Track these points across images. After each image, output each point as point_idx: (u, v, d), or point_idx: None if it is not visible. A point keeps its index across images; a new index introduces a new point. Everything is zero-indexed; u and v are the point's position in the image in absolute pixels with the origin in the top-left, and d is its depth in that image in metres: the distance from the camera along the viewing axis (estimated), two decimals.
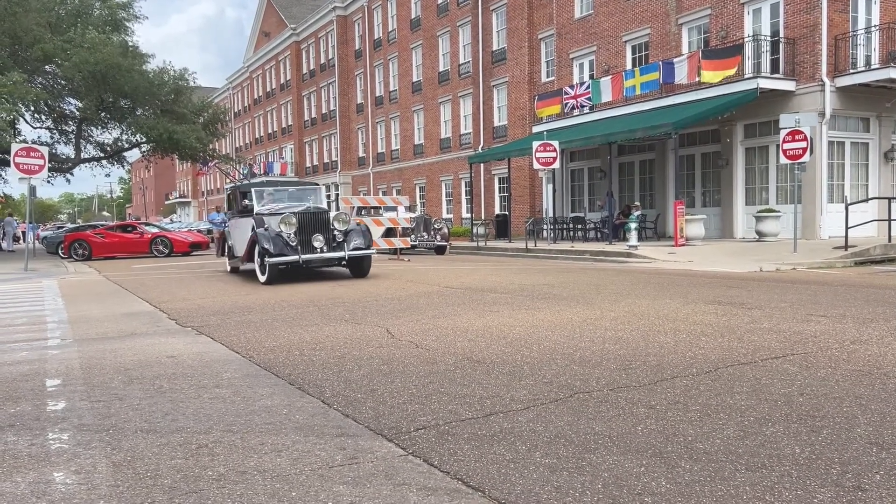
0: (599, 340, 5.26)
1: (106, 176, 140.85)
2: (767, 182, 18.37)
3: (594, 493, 2.42)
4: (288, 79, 51.46)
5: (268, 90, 55.74)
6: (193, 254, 24.06)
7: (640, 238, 16.61)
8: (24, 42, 24.44)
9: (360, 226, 12.36)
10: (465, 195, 32.78)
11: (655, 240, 19.64)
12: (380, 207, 19.87)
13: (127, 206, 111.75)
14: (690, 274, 11.01)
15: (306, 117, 50.04)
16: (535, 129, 23.87)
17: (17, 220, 41.09)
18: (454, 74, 33.68)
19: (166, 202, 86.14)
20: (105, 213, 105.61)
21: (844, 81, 16.81)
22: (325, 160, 47.58)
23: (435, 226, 20.26)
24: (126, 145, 30.86)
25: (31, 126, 28.76)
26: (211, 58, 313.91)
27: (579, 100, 21.32)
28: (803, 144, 13.55)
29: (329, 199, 42.92)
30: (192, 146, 28.31)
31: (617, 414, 3.35)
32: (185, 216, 74.19)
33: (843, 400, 3.50)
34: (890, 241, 14.00)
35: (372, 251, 11.85)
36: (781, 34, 17.65)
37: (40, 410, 3.76)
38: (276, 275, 11.04)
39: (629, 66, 21.68)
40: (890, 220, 14.14)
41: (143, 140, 29.24)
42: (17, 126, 25.84)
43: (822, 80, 16.78)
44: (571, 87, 21.96)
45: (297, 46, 50.00)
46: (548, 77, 27.90)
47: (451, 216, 33.89)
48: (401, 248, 17.10)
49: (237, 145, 62.93)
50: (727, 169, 19.10)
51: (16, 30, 23.87)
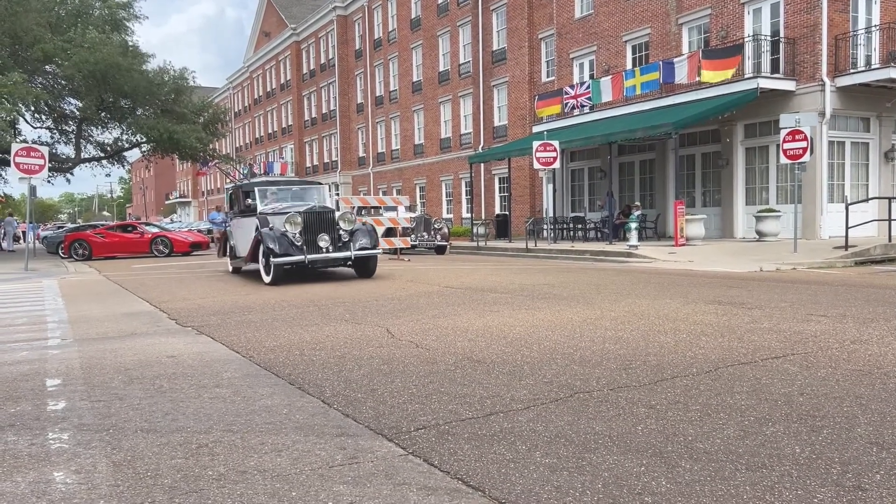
0: (600, 340, 5.26)
1: (106, 176, 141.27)
2: (768, 182, 18.36)
3: (594, 493, 2.42)
4: (288, 79, 51.46)
5: (268, 90, 55.74)
6: (194, 254, 24.06)
7: (640, 238, 16.61)
8: (25, 42, 24.44)
9: (365, 225, 12.18)
10: (466, 195, 32.78)
11: (656, 240, 19.63)
12: (380, 207, 19.88)
13: (127, 205, 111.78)
14: (691, 274, 11.01)
15: (306, 117, 50.04)
16: (536, 128, 23.87)
17: (17, 219, 41.09)
18: (454, 74, 33.68)
19: (166, 202, 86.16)
20: (105, 212, 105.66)
21: (845, 81, 16.81)
22: (326, 160, 47.58)
23: (435, 226, 20.27)
24: (126, 145, 30.87)
25: (32, 126, 28.81)
26: (211, 58, 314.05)
27: (579, 100, 21.32)
28: (803, 144, 13.55)
29: (330, 198, 42.81)
30: (193, 146, 28.31)
31: (617, 414, 3.35)
32: (185, 216, 74.18)
33: (843, 400, 3.50)
34: (890, 240, 13.99)
35: (378, 251, 11.68)
36: (782, 34, 17.65)
37: (40, 410, 3.76)
38: (282, 275, 10.88)
39: (629, 65, 21.68)
40: (890, 220, 14.14)
41: (144, 140, 29.24)
42: (17, 126, 25.86)
43: (822, 80, 16.78)
44: (571, 86, 21.96)
45: (297, 46, 50.00)
46: (548, 77, 27.90)
47: (451, 216, 33.89)
48: (401, 248, 17.10)
49: (237, 145, 62.93)
50: (727, 169, 19.09)
51: (16, 30, 23.87)
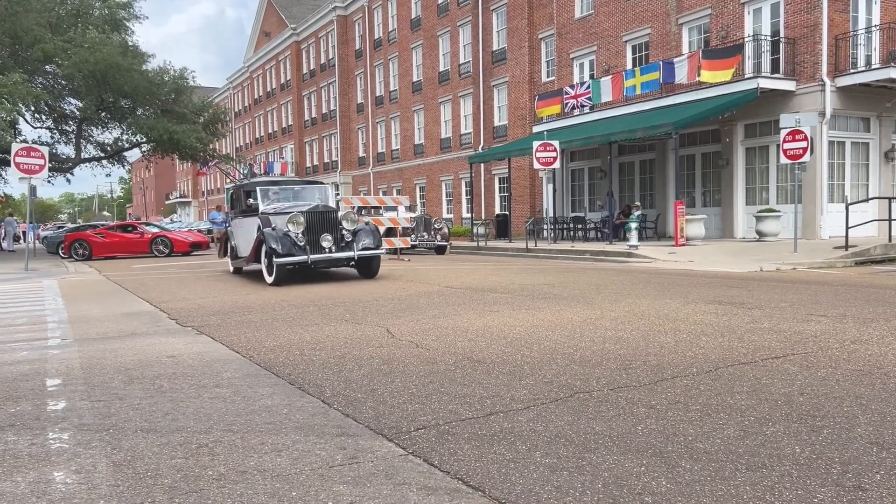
0: (600, 340, 5.26)
1: (106, 176, 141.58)
2: (768, 182, 18.36)
3: (594, 493, 2.42)
4: (288, 79, 51.46)
5: (268, 90, 55.74)
6: (194, 254, 24.06)
7: (640, 238, 16.61)
8: (25, 42, 24.45)
9: (368, 225, 12.09)
10: (466, 195, 32.78)
11: (656, 240, 19.63)
12: (380, 207, 19.88)
13: (127, 205, 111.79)
14: (691, 274, 11.00)
15: (306, 117, 50.04)
16: (536, 128, 23.87)
17: (17, 219, 41.10)
18: (454, 74, 33.67)
19: (166, 202, 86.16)
20: (105, 212, 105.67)
21: (845, 81, 16.80)
22: (326, 160, 47.58)
23: (435, 226, 20.26)
24: (126, 145, 30.87)
25: (32, 126, 28.81)
26: (211, 58, 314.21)
27: (579, 100, 21.31)
28: (804, 144, 13.55)
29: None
30: (193, 146, 28.31)
31: (617, 414, 3.35)
32: (185, 216, 74.19)
33: (843, 400, 3.50)
34: (890, 240, 13.99)
35: (381, 251, 11.57)
36: (782, 34, 17.65)
37: (40, 410, 3.76)
38: (284, 275, 10.76)
39: (629, 65, 21.68)
40: (890, 220, 14.14)
41: (144, 140, 29.24)
42: (17, 126, 25.86)
43: (822, 80, 16.78)
44: (572, 86, 21.96)
45: (297, 46, 50.00)
46: (548, 77, 27.90)
47: (451, 216, 33.88)
48: (401, 248, 17.10)
49: (237, 145, 62.93)
50: (727, 169, 19.09)
51: (16, 30, 23.88)
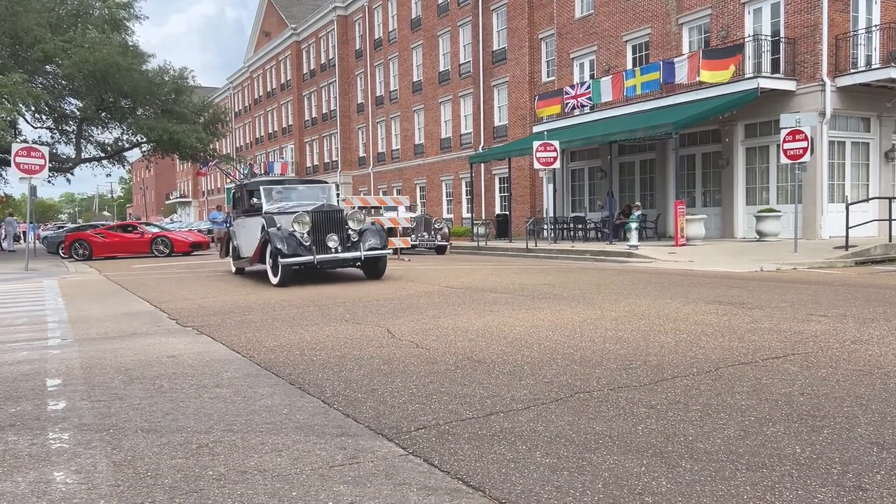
0: (600, 340, 5.26)
1: (106, 176, 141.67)
2: (768, 182, 18.36)
3: (595, 493, 2.41)
4: (288, 78, 51.46)
5: (268, 90, 55.75)
6: (194, 254, 24.06)
7: (640, 238, 16.61)
8: (25, 42, 24.45)
9: (374, 225, 11.96)
10: (466, 195, 32.78)
11: (656, 240, 19.63)
12: (380, 207, 19.86)
13: (127, 205, 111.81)
14: (691, 274, 11.00)
15: (307, 117, 50.04)
16: (536, 128, 23.87)
17: (17, 219, 41.12)
18: (454, 74, 33.67)
19: (167, 202, 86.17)
20: (105, 212, 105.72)
21: (845, 81, 16.80)
22: (326, 160, 47.58)
23: (435, 226, 20.26)
24: (126, 145, 30.87)
25: (32, 126, 28.81)
26: (211, 58, 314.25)
27: (580, 99, 21.31)
28: (804, 144, 13.55)
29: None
30: (193, 146, 28.30)
31: (617, 414, 3.35)
32: (185, 216, 74.20)
33: (843, 400, 3.49)
34: (891, 240, 13.99)
35: (388, 251, 11.41)
36: (782, 34, 17.65)
37: (41, 410, 3.76)
38: (290, 276, 10.56)
39: (630, 65, 21.69)
40: (891, 220, 14.13)
41: (144, 140, 29.24)
42: (17, 126, 25.87)
43: (822, 80, 16.78)
44: (572, 86, 21.96)
45: (297, 46, 50.00)
46: (548, 77, 27.90)
47: (451, 216, 33.89)
48: (401, 248, 17.09)
49: (237, 145, 62.94)
50: (728, 169, 19.09)
51: (16, 30, 23.88)
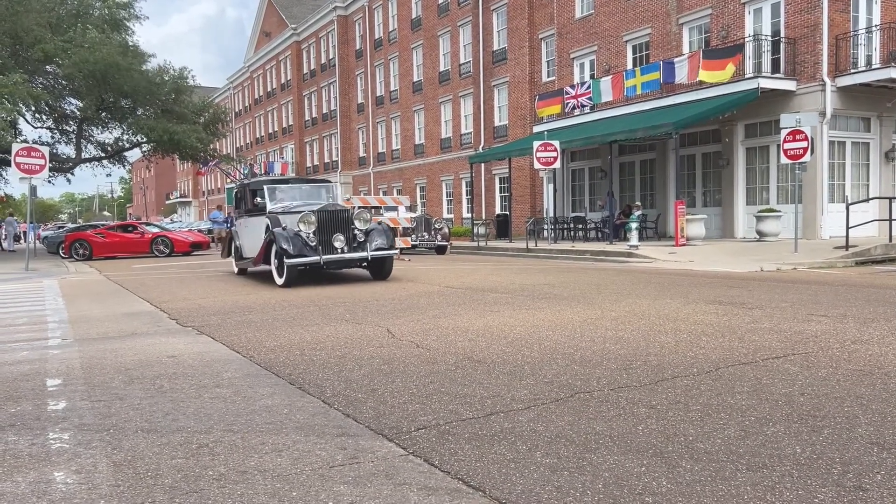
0: (600, 340, 5.26)
1: (107, 176, 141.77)
2: (768, 182, 18.36)
3: (595, 493, 2.41)
4: (288, 78, 51.47)
5: (268, 90, 55.75)
6: (194, 254, 24.06)
7: (640, 238, 16.61)
8: (25, 42, 24.45)
9: (381, 224, 11.79)
10: (466, 195, 32.78)
11: (656, 240, 19.63)
12: (380, 207, 19.86)
13: (127, 205, 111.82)
14: (691, 274, 11.00)
15: (307, 117, 50.05)
16: (536, 128, 23.87)
17: (17, 219, 41.12)
18: (455, 74, 33.67)
19: (167, 202, 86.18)
20: (106, 212, 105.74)
21: (845, 81, 16.80)
22: (326, 160, 47.58)
23: (435, 226, 20.25)
24: (126, 145, 30.88)
25: (32, 126, 28.82)
26: (212, 57, 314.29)
27: (580, 99, 21.31)
28: (804, 144, 13.54)
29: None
30: (193, 146, 28.31)
31: (618, 414, 3.35)
32: (185, 216, 74.20)
33: (844, 400, 3.49)
34: (891, 240, 13.98)
35: (395, 252, 11.19)
36: (782, 34, 17.65)
37: (41, 410, 3.76)
38: (295, 277, 10.40)
39: (630, 65, 21.68)
40: (891, 220, 14.12)
41: (144, 140, 29.25)
42: (17, 126, 25.87)
43: (822, 80, 16.78)
44: (572, 86, 21.96)
45: (297, 46, 50.00)
46: (548, 77, 27.89)
47: (451, 216, 33.89)
48: (401, 248, 17.08)
49: (238, 145, 62.94)
50: (728, 169, 19.09)
51: (17, 30, 23.89)
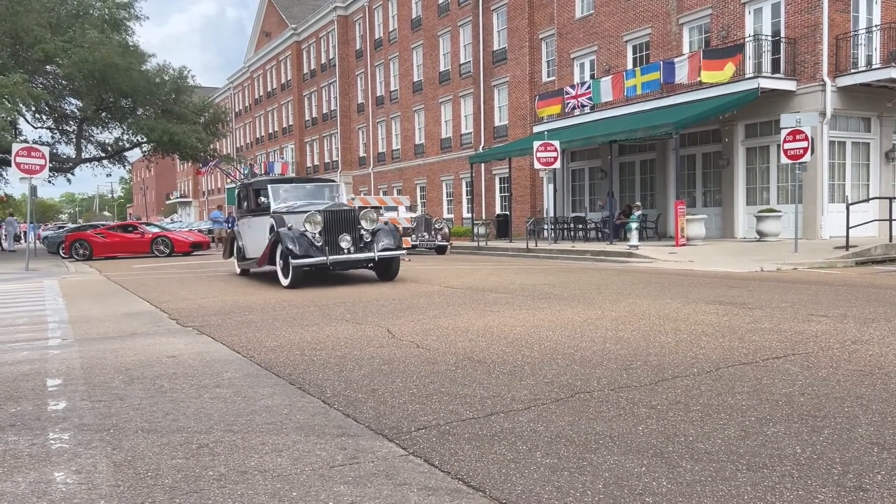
0: (600, 340, 5.25)
1: (107, 176, 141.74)
2: (768, 182, 18.36)
3: (595, 493, 2.41)
4: (289, 78, 51.47)
5: (269, 90, 55.76)
6: (194, 254, 24.05)
7: (640, 238, 16.61)
8: (25, 42, 24.46)
9: (388, 224, 11.69)
10: (466, 195, 32.78)
11: (656, 240, 19.63)
12: (380, 207, 19.86)
13: (128, 205, 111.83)
14: (691, 274, 11.00)
15: (307, 117, 50.05)
16: (536, 128, 23.86)
17: (18, 219, 41.12)
18: (455, 74, 33.67)
19: (167, 202, 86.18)
20: (106, 212, 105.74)
21: (845, 81, 16.80)
22: (326, 160, 47.59)
23: (436, 226, 20.25)
24: (127, 145, 30.89)
25: (32, 126, 28.84)
26: (212, 57, 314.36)
27: (580, 99, 21.31)
28: (804, 144, 13.54)
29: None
30: (193, 146, 28.31)
31: (618, 414, 3.34)
32: (185, 216, 74.21)
33: (844, 400, 3.49)
34: (891, 240, 13.98)
35: (402, 252, 10.98)
36: (782, 34, 17.65)
37: (41, 410, 3.76)
38: (301, 277, 10.22)
39: (630, 65, 21.68)
40: (891, 220, 14.12)
41: (144, 140, 29.25)
42: (17, 126, 25.87)
43: (822, 80, 16.78)
44: (572, 86, 21.96)
45: (297, 46, 50.01)
46: (548, 77, 27.89)
47: (451, 216, 33.89)
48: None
49: (238, 145, 62.95)
50: (728, 169, 19.08)
51: (17, 30, 23.89)
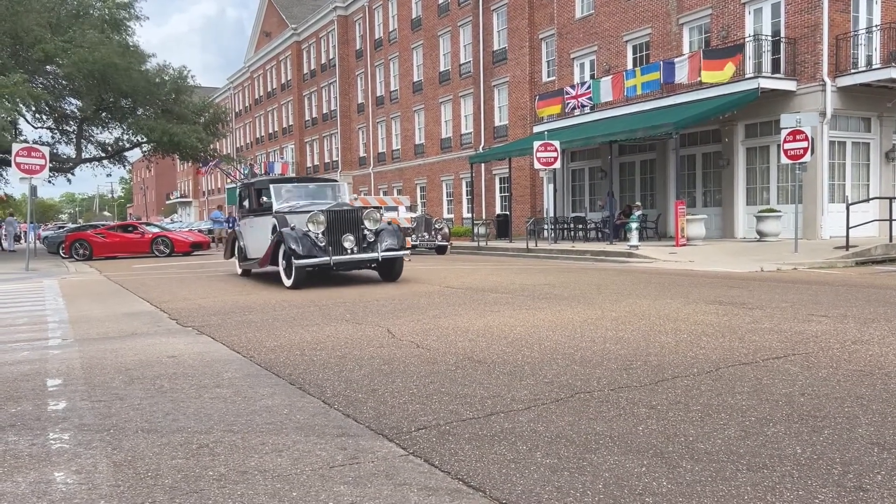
0: (600, 340, 5.25)
1: (107, 176, 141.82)
2: (768, 182, 18.35)
3: (595, 494, 2.41)
4: (289, 78, 51.47)
5: (269, 90, 55.76)
6: (194, 254, 24.05)
7: (640, 238, 16.60)
8: (26, 42, 24.46)
9: (391, 225, 11.65)
10: (466, 195, 32.77)
11: (656, 240, 19.63)
12: (381, 207, 19.87)
13: (128, 205, 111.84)
14: (691, 274, 11.00)
15: (307, 117, 50.04)
16: (536, 128, 23.86)
17: (18, 219, 41.12)
18: (455, 74, 33.67)
19: (167, 202, 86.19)
20: (106, 212, 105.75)
21: (845, 81, 16.80)
22: (326, 160, 47.59)
23: (436, 226, 20.26)
24: (127, 145, 30.90)
25: (32, 126, 28.85)
26: (212, 57, 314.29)
27: (580, 100, 21.31)
28: (804, 144, 13.54)
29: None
30: (193, 146, 28.31)
31: (618, 414, 3.34)
32: (185, 216, 74.21)
33: (844, 400, 3.49)
34: (891, 240, 13.98)
35: (406, 252, 10.92)
36: (782, 34, 17.64)
37: (41, 410, 3.76)
38: (304, 278, 10.17)
39: (630, 65, 21.68)
40: (891, 220, 14.12)
41: (144, 140, 29.26)
42: (18, 126, 25.87)
43: (823, 80, 16.78)
44: (572, 86, 21.95)
45: (297, 46, 50.01)
46: (548, 77, 27.89)
47: (451, 216, 33.89)
48: None
49: (238, 145, 62.95)
50: (728, 169, 19.08)
51: (17, 30, 23.89)
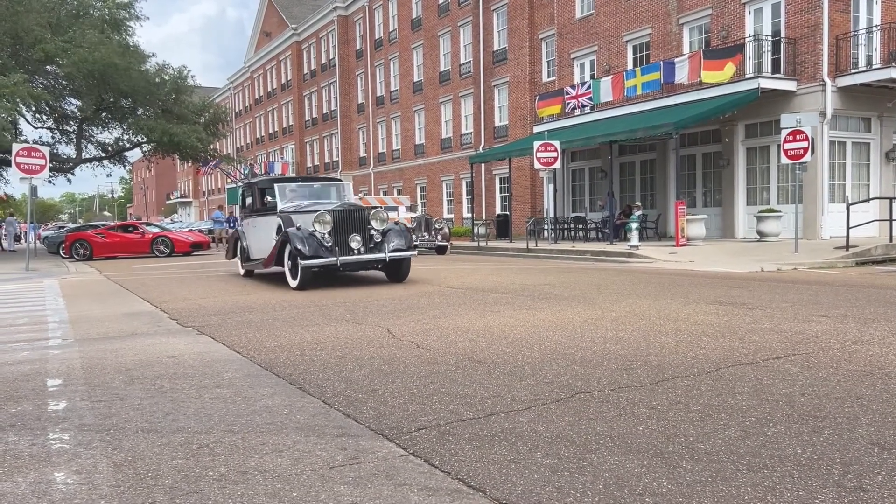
0: (601, 340, 5.25)
1: (107, 176, 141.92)
2: (768, 182, 18.35)
3: (595, 494, 2.41)
4: (289, 78, 51.47)
5: (269, 90, 55.76)
6: (195, 254, 24.05)
7: (641, 238, 16.61)
8: (26, 42, 24.47)
9: (399, 225, 11.51)
10: (466, 195, 32.77)
11: (656, 240, 19.63)
12: (381, 207, 19.88)
13: (128, 205, 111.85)
14: (691, 274, 11.00)
15: (307, 117, 50.04)
16: (536, 128, 23.86)
17: (18, 219, 41.13)
18: (455, 74, 33.67)
19: (167, 202, 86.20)
20: (106, 212, 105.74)
21: (846, 81, 16.79)
22: (326, 160, 47.58)
23: (436, 226, 20.25)
24: (127, 145, 30.90)
25: (33, 126, 28.86)
26: (212, 57, 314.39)
27: (580, 100, 21.31)
28: (804, 144, 13.54)
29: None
30: (193, 146, 28.32)
31: (618, 414, 3.34)
32: (186, 216, 74.22)
33: (844, 400, 3.49)
34: (891, 241, 13.98)
35: (413, 252, 10.72)
36: (782, 34, 17.64)
37: (41, 410, 3.76)
38: (310, 278, 10.03)
39: (630, 65, 21.68)
40: (891, 220, 14.12)
41: (144, 140, 29.26)
42: (18, 126, 25.88)
43: (823, 80, 16.77)
44: (572, 86, 21.95)
45: (297, 46, 50.01)
46: (549, 77, 27.89)
47: (451, 216, 33.88)
48: None
49: (238, 145, 62.96)
50: (728, 169, 19.08)
51: (17, 30, 23.90)
